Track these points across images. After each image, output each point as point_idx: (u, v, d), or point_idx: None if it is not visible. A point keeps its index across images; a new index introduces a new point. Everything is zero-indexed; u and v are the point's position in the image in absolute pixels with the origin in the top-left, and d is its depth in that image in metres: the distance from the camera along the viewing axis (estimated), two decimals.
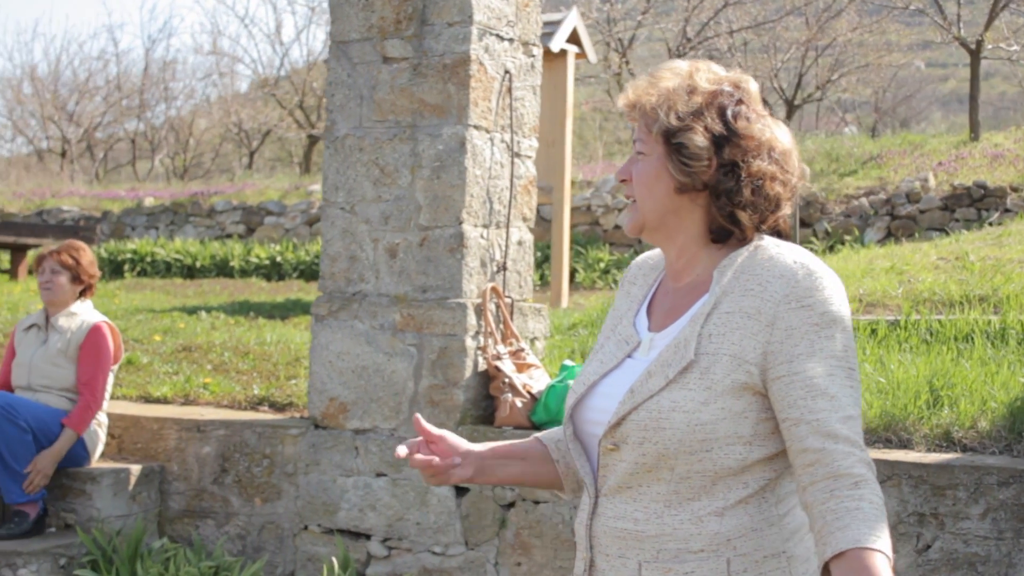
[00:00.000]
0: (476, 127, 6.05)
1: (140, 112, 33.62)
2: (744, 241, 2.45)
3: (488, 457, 2.65)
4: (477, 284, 6.07)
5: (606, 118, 29.76)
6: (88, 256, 6.39)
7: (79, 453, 6.18)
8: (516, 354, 6.09)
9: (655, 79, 2.49)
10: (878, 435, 5.61)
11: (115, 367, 6.42)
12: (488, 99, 6.13)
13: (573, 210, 14.90)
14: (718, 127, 2.40)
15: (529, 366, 6.05)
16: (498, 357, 5.99)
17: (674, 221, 2.47)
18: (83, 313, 6.37)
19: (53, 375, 6.18)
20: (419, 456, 2.57)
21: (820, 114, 32.89)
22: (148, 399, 7.17)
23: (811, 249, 13.04)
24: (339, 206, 6.24)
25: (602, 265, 13.35)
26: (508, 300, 6.23)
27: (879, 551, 2.18)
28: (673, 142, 2.41)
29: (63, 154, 31.73)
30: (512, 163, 6.31)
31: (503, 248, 6.26)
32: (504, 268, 6.26)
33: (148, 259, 16.70)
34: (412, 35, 6.14)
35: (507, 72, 6.25)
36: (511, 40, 6.30)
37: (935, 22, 19.01)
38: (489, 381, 6.03)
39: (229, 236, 18.30)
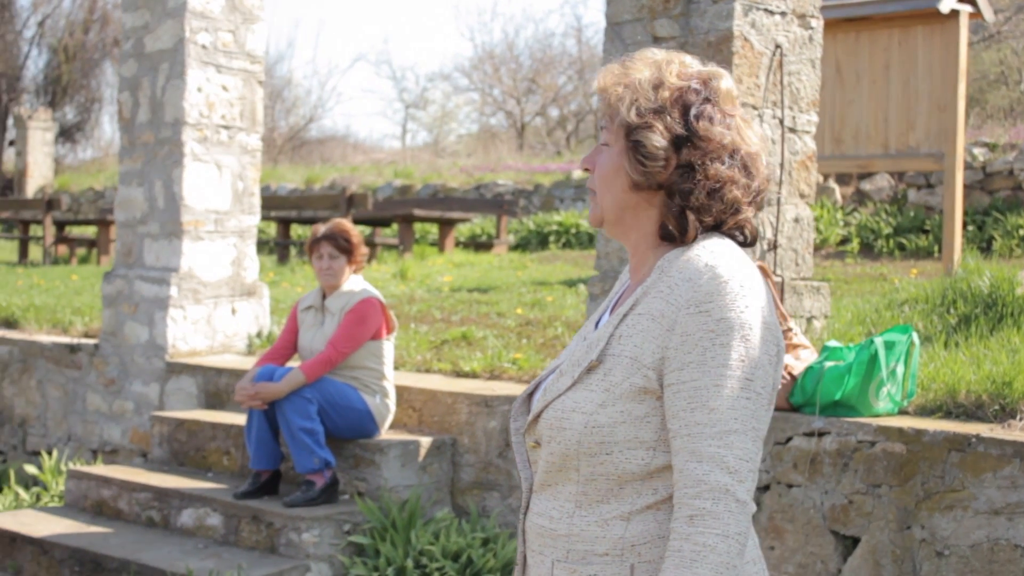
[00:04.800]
0: (741, 104, 6.26)
1: None
2: (683, 241, 2.45)
3: None
4: None
5: None
6: (357, 236, 7.05)
7: (368, 426, 6.89)
8: (784, 334, 6.27)
9: (626, 68, 2.48)
10: None
11: (389, 338, 7.01)
12: (755, 75, 6.33)
13: (994, 175, 14.45)
14: (678, 127, 2.40)
15: (796, 346, 6.21)
16: None
17: (631, 217, 2.49)
18: (353, 291, 6.98)
19: None
20: None
21: None
22: (459, 374, 7.83)
23: None
24: None
25: (1022, 232, 12.90)
26: (778, 279, 6.41)
27: None
28: (631, 139, 2.42)
29: (522, 129, 33.50)
30: (784, 139, 6.48)
31: (775, 226, 6.44)
32: (775, 246, 6.44)
33: (572, 231, 17.53)
34: (679, 14, 6.42)
35: (778, 47, 6.42)
36: (783, 13, 6.46)
37: None
38: None
39: None
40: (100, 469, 7.69)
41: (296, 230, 20.01)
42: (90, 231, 22.73)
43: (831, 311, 7.92)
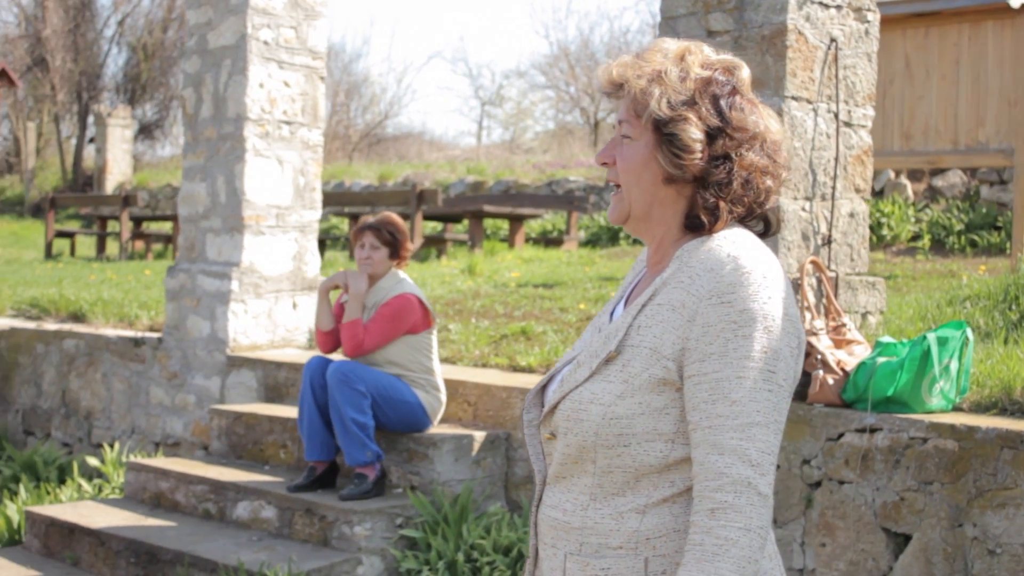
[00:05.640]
0: (795, 98, 6.22)
1: None
2: (710, 231, 2.42)
3: None
4: (797, 258, 6.25)
5: None
6: (404, 230, 7.10)
7: (420, 419, 6.92)
8: (837, 329, 6.22)
9: (643, 59, 2.45)
10: None
11: (428, 332, 7.00)
12: (810, 69, 6.29)
13: None
14: (713, 119, 2.39)
15: (850, 342, 6.17)
16: (813, 332, 6.15)
17: (658, 211, 2.46)
18: (392, 285, 7.03)
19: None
20: None
21: None
22: (516, 368, 7.84)
23: None
24: None
25: None
26: (832, 274, 6.37)
27: None
28: (665, 132, 2.39)
29: (595, 126, 33.55)
30: (839, 133, 6.43)
31: (829, 220, 6.40)
32: (830, 241, 6.39)
33: None
34: (733, 7, 6.39)
35: (832, 40, 6.37)
36: (838, 7, 6.40)
37: None
38: (805, 357, 6.21)
39: None
40: (158, 461, 7.81)
41: None
42: (167, 227, 23.04)
43: (893, 307, 7.86)
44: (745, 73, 2.48)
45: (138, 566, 6.73)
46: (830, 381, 5.98)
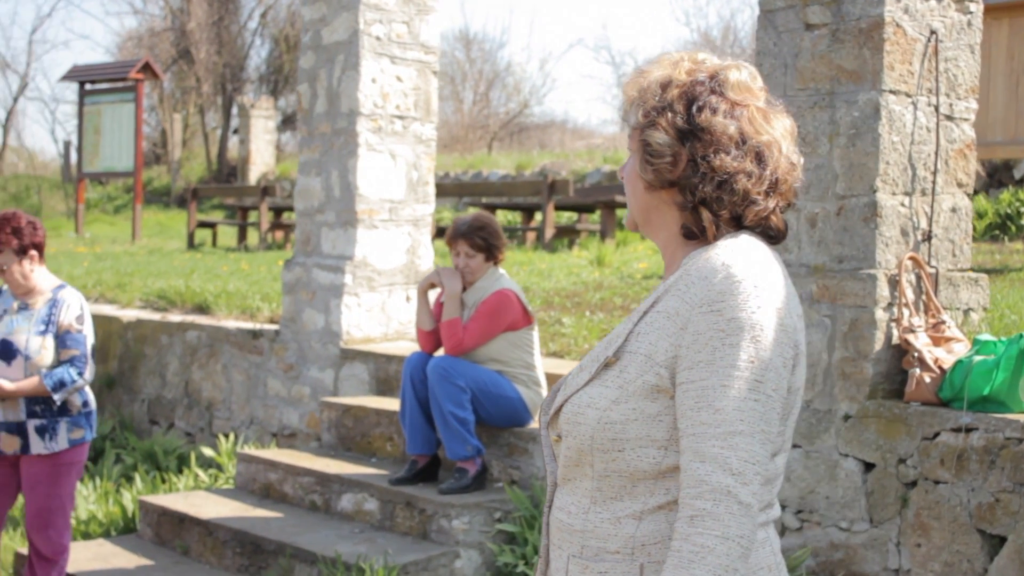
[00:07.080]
0: (893, 92, 6.22)
1: None
2: (708, 238, 2.46)
3: None
4: (895, 254, 6.25)
5: None
6: (495, 228, 7.18)
7: (521, 414, 7.05)
8: (936, 327, 6.21)
9: (642, 73, 2.53)
10: None
11: (529, 329, 7.12)
12: (908, 62, 6.28)
13: None
14: (680, 121, 2.42)
15: (949, 339, 6.15)
16: (910, 330, 6.15)
17: (656, 218, 2.52)
18: (492, 283, 7.15)
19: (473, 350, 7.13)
20: None
21: None
22: None
23: None
24: None
25: None
26: (932, 270, 6.35)
27: None
28: (640, 139, 2.47)
29: None
30: (939, 127, 6.40)
31: (929, 216, 6.38)
32: (930, 237, 6.38)
33: None
34: (831, 0, 6.42)
35: (933, 32, 6.35)
36: None
37: None
38: (903, 355, 6.22)
39: None
40: (268, 453, 8.07)
41: (505, 216, 20.43)
42: None
43: (1011, 302, 7.80)
44: (734, 75, 2.48)
45: (243, 556, 6.99)
46: (927, 379, 5.98)
